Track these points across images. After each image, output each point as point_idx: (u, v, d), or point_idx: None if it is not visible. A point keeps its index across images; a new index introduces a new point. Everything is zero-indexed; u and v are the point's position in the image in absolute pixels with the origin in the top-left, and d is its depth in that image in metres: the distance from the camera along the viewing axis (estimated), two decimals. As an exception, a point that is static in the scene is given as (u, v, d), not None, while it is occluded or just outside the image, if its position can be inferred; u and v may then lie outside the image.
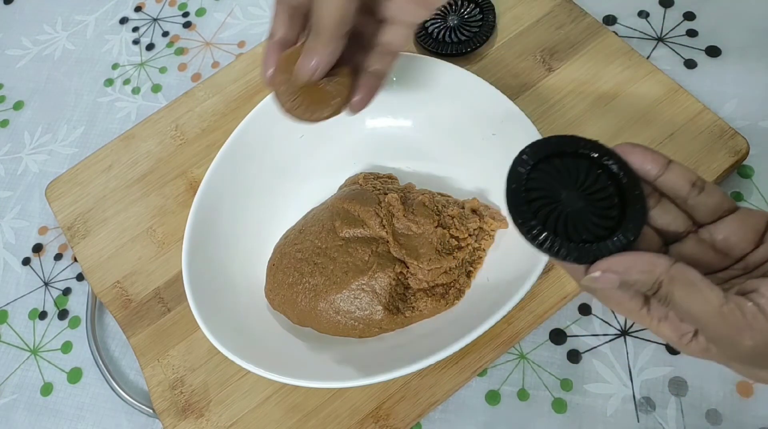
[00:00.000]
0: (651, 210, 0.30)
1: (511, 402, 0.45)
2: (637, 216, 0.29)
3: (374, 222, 0.45)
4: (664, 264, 0.27)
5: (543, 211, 0.29)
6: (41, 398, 0.51)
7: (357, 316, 0.43)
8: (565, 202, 0.30)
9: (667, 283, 0.26)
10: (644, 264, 0.27)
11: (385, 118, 0.51)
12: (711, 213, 0.30)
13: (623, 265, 0.27)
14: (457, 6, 0.56)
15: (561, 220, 0.29)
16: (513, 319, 0.44)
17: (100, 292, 0.52)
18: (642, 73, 0.51)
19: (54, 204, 0.56)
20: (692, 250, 0.30)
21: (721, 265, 0.30)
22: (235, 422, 0.45)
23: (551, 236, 0.28)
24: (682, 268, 0.27)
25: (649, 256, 0.27)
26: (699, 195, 0.29)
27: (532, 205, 0.29)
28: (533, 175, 0.30)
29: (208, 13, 0.67)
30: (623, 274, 0.27)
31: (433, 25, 0.55)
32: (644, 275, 0.27)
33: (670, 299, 0.27)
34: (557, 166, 0.30)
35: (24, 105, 0.66)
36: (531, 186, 0.30)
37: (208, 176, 0.48)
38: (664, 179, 0.29)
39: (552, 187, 0.30)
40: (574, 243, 0.28)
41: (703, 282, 0.26)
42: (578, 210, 0.29)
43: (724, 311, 0.26)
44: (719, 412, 0.42)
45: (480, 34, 0.54)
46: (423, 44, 0.54)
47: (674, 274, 0.26)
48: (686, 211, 0.30)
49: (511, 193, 0.30)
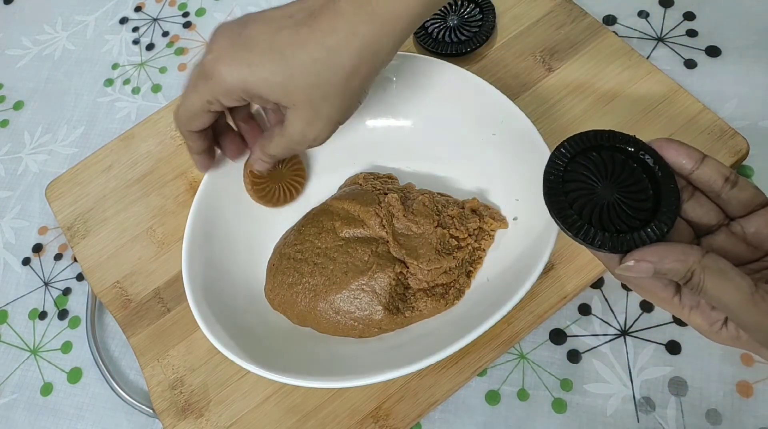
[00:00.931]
0: (684, 203, 0.31)
1: (510, 402, 0.45)
2: (671, 208, 0.30)
3: (374, 222, 0.45)
4: (696, 254, 0.28)
5: (579, 202, 0.31)
6: (41, 398, 0.51)
7: (357, 316, 0.43)
8: (601, 194, 0.31)
9: (699, 272, 0.27)
10: (677, 253, 0.28)
11: (385, 118, 0.51)
12: (743, 207, 0.30)
13: (657, 255, 0.28)
14: (457, 6, 0.56)
15: (597, 211, 0.30)
16: (513, 319, 0.44)
17: (100, 292, 0.52)
18: (642, 73, 0.51)
19: (54, 204, 0.56)
20: (724, 243, 0.31)
21: (752, 258, 0.30)
22: (235, 422, 0.45)
23: (587, 226, 0.30)
24: (714, 257, 0.28)
25: (682, 247, 0.28)
26: (732, 189, 0.30)
27: (569, 196, 0.31)
28: (570, 168, 0.31)
29: (208, 13, 0.67)
30: (657, 264, 0.28)
31: (433, 25, 0.55)
32: (677, 264, 0.28)
33: (702, 288, 0.27)
34: (594, 159, 0.32)
35: (24, 105, 0.66)
36: (568, 178, 0.31)
37: (208, 176, 0.48)
38: (699, 173, 0.30)
39: (588, 180, 0.31)
40: (609, 233, 0.29)
41: (734, 271, 0.27)
42: (614, 202, 0.31)
43: (755, 299, 0.27)
44: (719, 412, 0.42)
45: (480, 34, 0.54)
46: (423, 44, 0.54)
47: (706, 264, 0.27)
48: (719, 205, 0.31)
49: (549, 184, 0.31)
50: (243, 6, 0.66)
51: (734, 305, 0.27)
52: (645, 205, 0.30)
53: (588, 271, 0.45)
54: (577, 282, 0.45)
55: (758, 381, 0.42)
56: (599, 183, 0.31)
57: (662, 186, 0.30)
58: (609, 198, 0.31)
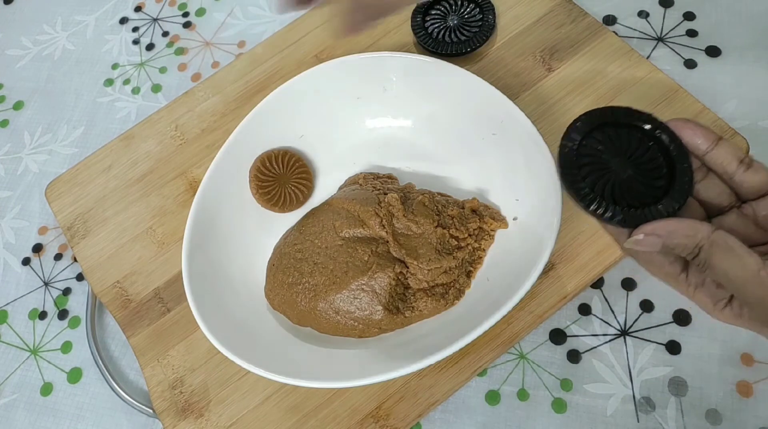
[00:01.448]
0: (698, 183, 0.31)
1: (510, 402, 0.45)
2: (684, 187, 0.30)
3: (374, 222, 0.45)
4: (706, 229, 0.28)
5: (592, 177, 0.31)
6: (41, 398, 0.51)
7: (357, 316, 0.43)
8: (614, 169, 0.31)
9: (707, 247, 0.28)
10: (687, 228, 0.28)
11: (385, 118, 0.51)
12: (756, 190, 0.30)
13: (666, 229, 0.28)
14: (457, 6, 0.56)
15: (609, 186, 0.31)
16: (513, 319, 0.44)
17: (100, 292, 0.52)
18: (642, 73, 0.51)
19: (54, 204, 0.56)
20: (734, 224, 0.31)
21: (762, 240, 0.31)
22: (235, 422, 0.45)
23: (599, 199, 0.30)
24: (722, 234, 0.28)
25: (692, 222, 0.28)
26: (746, 172, 0.30)
27: (582, 169, 0.31)
28: (585, 142, 0.32)
29: (208, 13, 0.67)
30: (666, 238, 0.28)
31: (433, 25, 0.55)
32: (686, 239, 0.28)
33: (709, 263, 0.28)
34: (610, 135, 0.32)
35: (24, 105, 0.66)
36: (583, 152, 0.31)
37: (208, 176, 0.48)
38: (713, 155, 0.31)
39: (603, 155, 0.31)
40: (621, 207, 0.30)
41: (742, 248, 0.28)
42: (627, 178, 0.31)
43: (761, 275, 0.27)
44: (719, 412, 0.42)
45: (480, 34, 0.54)
46: (423, 44, 0.54)
47: (715, 239, 0.28)
48: (732, 187, 0.31)
49: (563, 157, 0.31)
50: (243, 6, 0.66)
51: (740, 281, 0.27)
52: (658, 182, 0.31)
53: (588, 271, 0.45)
54: (577, 282, 0.45)
55: (758, 381, 0.42)
56: (614, 159, 0.31)
57: (676, 164, 0.30)
58: (623, 174, 0.31)
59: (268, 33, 0.63)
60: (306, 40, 0.59)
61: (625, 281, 0.47)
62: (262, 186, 0.48)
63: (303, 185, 0.50)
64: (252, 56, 0.59)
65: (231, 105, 0.57)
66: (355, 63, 0.49)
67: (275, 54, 0.59)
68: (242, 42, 0.64)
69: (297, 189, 0.50)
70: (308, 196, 0.51)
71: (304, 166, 0.51)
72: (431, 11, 0.56)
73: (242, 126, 0.49)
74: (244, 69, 0.59)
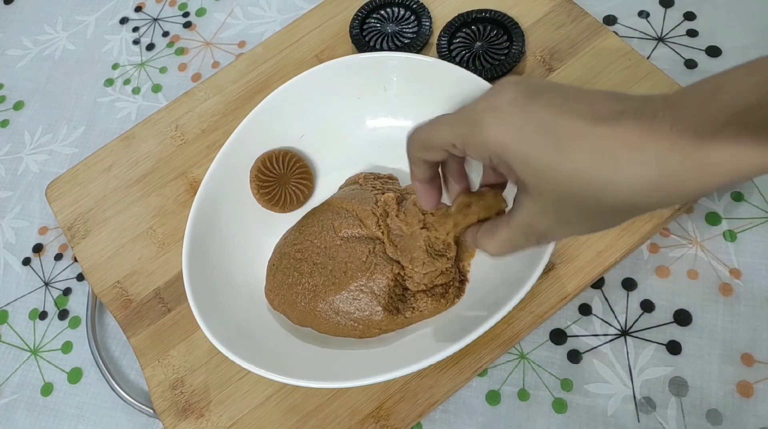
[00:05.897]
0: None
1: (511, 402, 0.45)
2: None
3: (371, 221, 0.44)
4: None
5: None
6: (41, 398, 0.51)
7: (356, 317, 0.43)
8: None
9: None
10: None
11: (386, 118, 0.51)
12: None
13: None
14: (484, 32, 0.54)
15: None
16: (513, 319, 0.44)
17: (100, 292, 0.52)
18: (642, 73, 0.51)
19: (54, 204, 0.56)
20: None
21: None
22: (235, 422, 0.45)
23: None
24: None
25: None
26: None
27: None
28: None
29: (208, 13, 0.67)
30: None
31: (457, 48, 0.54)
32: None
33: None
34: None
35: (24, 105, 0.66)
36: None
37: (208, 176, 0.48)
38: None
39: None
40: None
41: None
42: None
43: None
44: (719, 412, 0.42)
45: (507, 61, 0.52)
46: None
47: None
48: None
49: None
50: (243, 6, 0.66)
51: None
52: None
53: (588, 271, 0.45)
54: (578, 282, 0.45)
55: (759, 381, 0.42)
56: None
57: None
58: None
59: (268, 33, 0.63)
60: (306, 40, 0.59)
61: (626, 281, 0.47)
62: (262, 186, 0.48)
63: (303, 185, 0.50)
64: (252, 56, 0.59)
65: (231, 105, 0.57)
66: (355, 63, 0.49)
67: (275, 54, 0.59)
68: (242, 42, 0.64)
69: (297, 189, 0.50)
70: (309, 196, 0.51)
71: (305, 166, 0.51)
72: (458, 34, 0.55)
73: (242, 126, 0.49)
74: (245, 69, 0.59)
